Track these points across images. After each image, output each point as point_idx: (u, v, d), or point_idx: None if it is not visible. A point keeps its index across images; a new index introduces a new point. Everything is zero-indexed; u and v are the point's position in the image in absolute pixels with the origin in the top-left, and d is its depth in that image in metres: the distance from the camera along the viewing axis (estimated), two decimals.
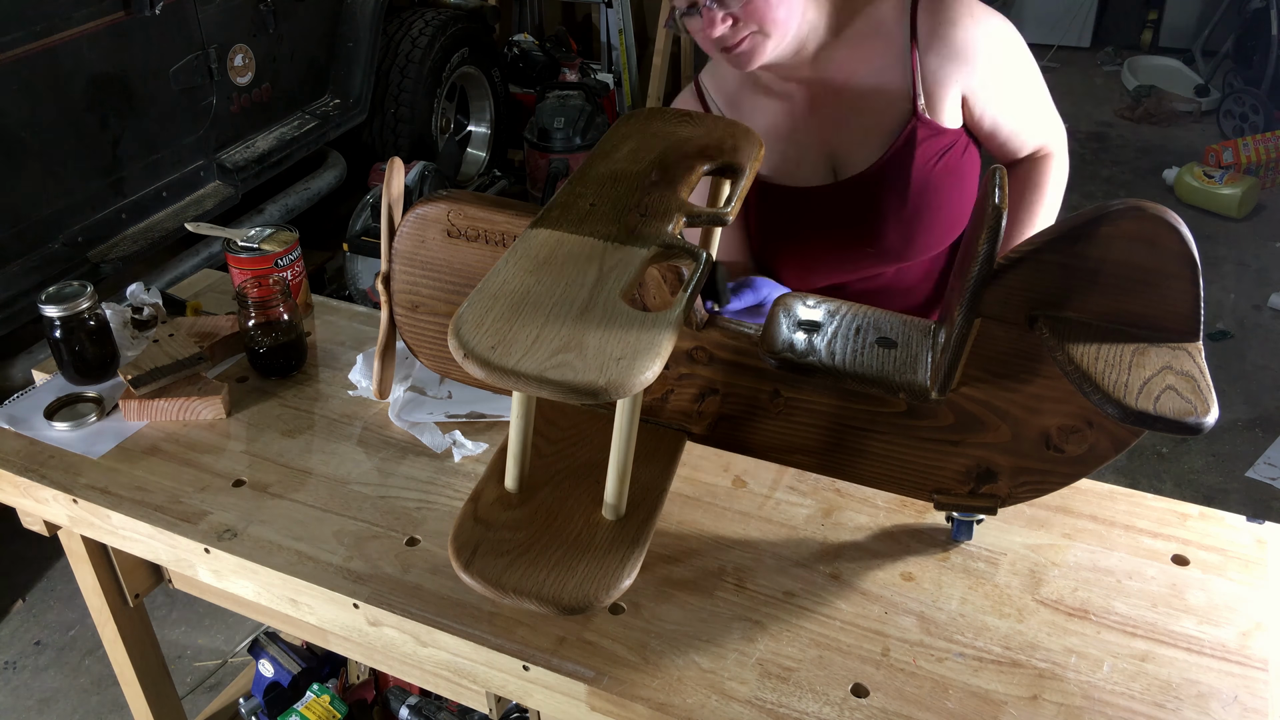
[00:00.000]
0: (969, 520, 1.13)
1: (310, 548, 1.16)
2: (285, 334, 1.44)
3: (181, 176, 2.98)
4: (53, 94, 2.52)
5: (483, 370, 0.80)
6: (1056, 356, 0.90)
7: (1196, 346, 0.90)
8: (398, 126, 3.87)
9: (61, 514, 1.30)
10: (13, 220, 2.51)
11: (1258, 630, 1.03)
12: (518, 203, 1.13)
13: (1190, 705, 0.96)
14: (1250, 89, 4.77)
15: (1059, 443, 1.02)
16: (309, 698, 1.79)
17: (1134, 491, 1.21)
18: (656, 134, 1.14)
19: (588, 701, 1.01)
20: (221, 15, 2.99)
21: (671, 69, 4.82)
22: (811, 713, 0.96)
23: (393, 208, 1.17)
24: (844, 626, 1.05)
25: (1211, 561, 1.11)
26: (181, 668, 2.38)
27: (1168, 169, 4.49)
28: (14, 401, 1.42)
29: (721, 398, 1.13)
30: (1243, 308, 3.63)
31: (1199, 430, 0.82)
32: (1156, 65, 5.54)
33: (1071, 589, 1.08)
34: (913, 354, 1.03)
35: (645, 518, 1.05)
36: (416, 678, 1.27)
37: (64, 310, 1.40)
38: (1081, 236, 0.88)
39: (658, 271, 1.06)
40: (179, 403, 1.36)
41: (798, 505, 1.20)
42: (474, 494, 1.07)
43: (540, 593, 0.96)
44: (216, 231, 1.65)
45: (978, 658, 1.01)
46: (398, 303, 1.21)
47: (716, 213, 1.02)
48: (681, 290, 0.90)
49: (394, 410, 1.36)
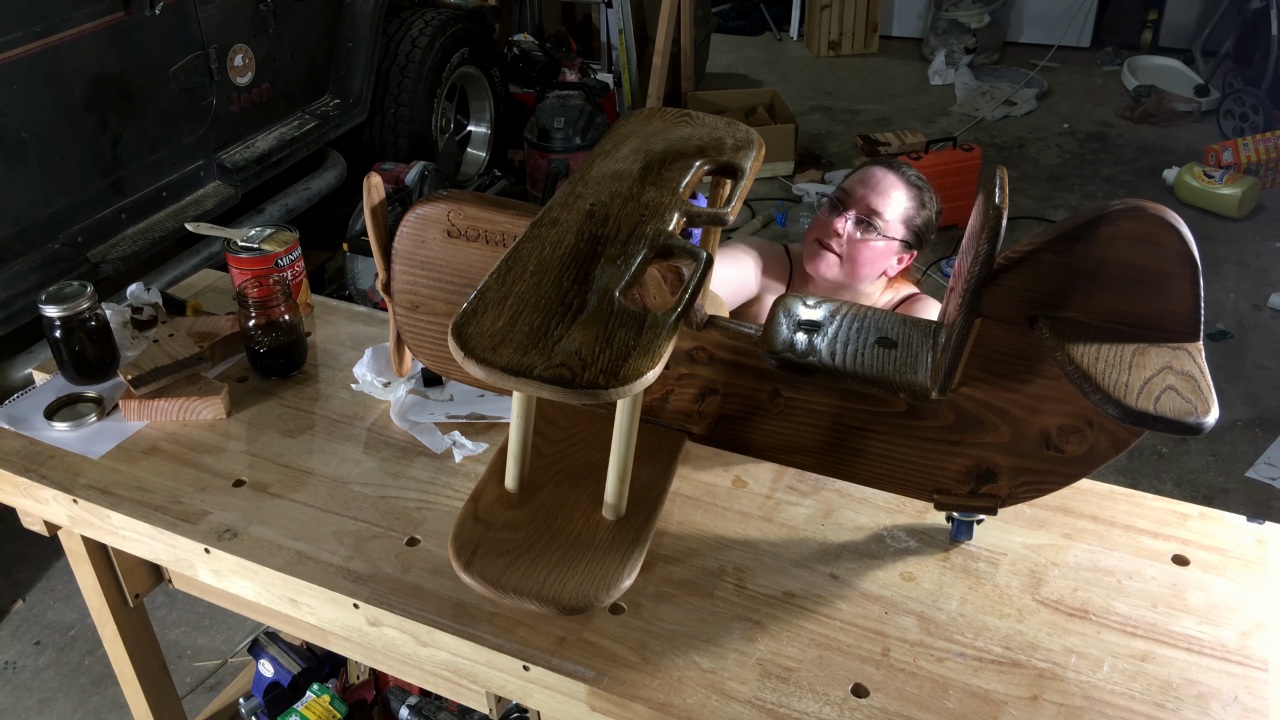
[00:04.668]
0: (969, 520, 1.13)
1: (310, 548, 1.16)
2: (285, 334, 1.44)
3: (181, 176, 2.98)
4: (53, 94, 2.52)
5: (482, 370, 0.80)
6: (1057, 356, 0.90)
7: (1197, 346, 0.90)
8: (398, 126, 3.87)
9: (61, 514, 1.30)
10: (13, 220, 2.51)
11: (1258, 630, 1.03)
12: (518, 203, 1.13)
13: (1190, 705, 0.96)
14: (1250, 89, 4.77)
15: (1059, 443, 1.02)
16: (309, 698, 1.79)
17: (1134, 491, 1.21)
18: (656, 134, 1.14)
19: (588, 701, 1.01)
20: (221, 15, 2.98)
21: (672, 69, 4.82)
22: (811, 713, 0.96)
23: (374, 222, 1.17)
24: (844, 626, 1.05)
25: (1211, 561, 1.11)
26: (181, 668, 2.38)
27: (1168, 169, 4.49)
28: (14, 401, 1.42)
29: (722, 398, 1.13)
30: (1243, 308, 3.63)
31: (1199, 430, 0.82)
32: (1156, 65, 5.54)
33: (1071, 589, 1.08)
34: (913, 354, 1.03)
35: (645, 518, 1.05)
36: (416, 678, 1.27)
37: (64, 310, 1.40)
38: (1081, 236, 0.88)
39: (658, 271, 1.06)
40: (179, 403, 1.36)
41: (798, 505, 1.20)
42: (474, 494, 1.07)
43: (540, 593, 0.96)
44: (216, 231, 1.65)
45: (978, 658, 1.01)
46: (398, 303, 1.21)
47: (716, 213, 1.02)
48: (681, 290, 0.90)
49: (395, 410, 1.36)
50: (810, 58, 6.19)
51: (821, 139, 5.04)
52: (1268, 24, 4.67)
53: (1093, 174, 4.63)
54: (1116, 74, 5.66)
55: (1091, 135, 5.00)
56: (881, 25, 6.23)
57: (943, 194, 4.10)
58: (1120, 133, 5.03)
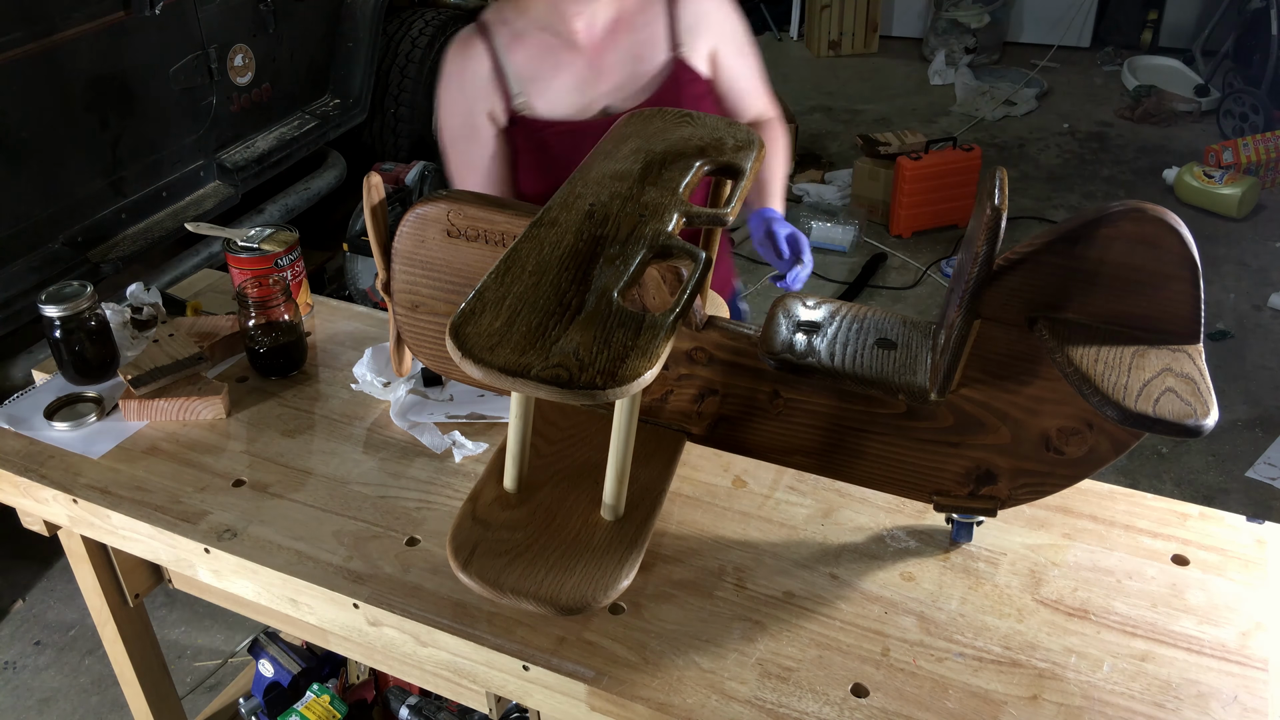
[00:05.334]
0: (969, 522, 1.13)
1: (310, 548, 1.16)
2: (285, 334, 1.44)
3: (181, 176, 2.98)
4: (53, 94, 2.52)
5: (480, 370, 0.80)
6: (1056, 358, 0.90)
7: (1197, 348, 0.90)
8: (398, 126, 3.87)
9: (61, 514, 1.30)
10: (13, 220, 2.51)
11: (1258, 630, 1.03)
12: (518, 203, 1.13)
13: (1190, 705, 0.96)
14: (1250, 89, 4.77)
15: (1059, 444, 1.02)
16: (309, 698, 1.79)
17: (1134, 491, 1.21)
18: (656, 134, 1.14)
19: (588, 701, 1.01)
20: (221, 15, 2.98)
21: None
22: (811, 713, 0.96)
23: (374, 222, 1.17)
24: (844, 626, 1.05)
25: (1211, 561, 1.12)
26: (181, 668, 2.38)
27: (1168, 169, 4.49)
28: (14, 401, 1.42)
29: (721, 398, 1.13)
30: (1243, 308, 3.63)
31: (1198, 433, 0.82)
32: (1156, 65, 5.53)
33: (1071, 589, 1.08)
34: (912, 355, 1.03)
35: (644, 518, 1.05)
36: (416, 678, 1.27)
37: (64, 310, 1.40)
38: (1081, 238, 0.88)
39: (657, 271, 1.06)
40: (179, 403, 1.36)
41: (798, 505, 1.20)
42: (473, 494, 1.07)
43: (538, 593, 0.96)
44: (216, 231, 1.65)
45: (978, 658, 1.01)
46: (398, 302, 1.21)
47: (716, 213, 1.02)
48: (680, 291, 0.90)
49: (394, 410, 1.36)
50: (810, 58, 6.19)
51: (821, 139, 5.04)
52: (1268, 24, 4.67)
53: (1093, 174, 4.62)
54: (1116, 74, 5.66)
55: (1091, 135, 5.00)
56: (881, 25, 6.22)
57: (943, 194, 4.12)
58: (1120, 133, 5.03)
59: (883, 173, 4.14)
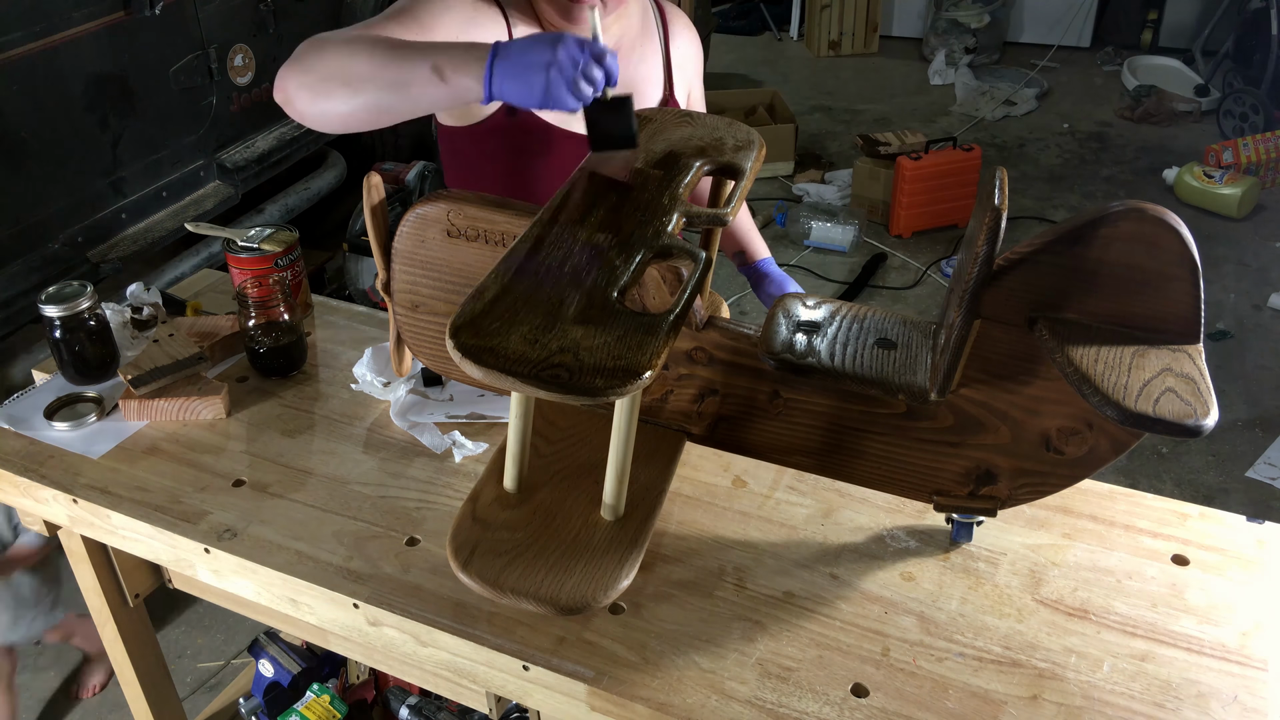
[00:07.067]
0: (969, 522, 1.13)
1: (310, 548, 1.16)
2: (285, 334, 1.44)
3: (181, 176, 2.98)
4: (53, 94, 2.52)
5: (479, 370, 0.80)
6: (1056, 358, 0.90)
7: (1197, 348, 0.90)
8: (397, 126, 3.86)
9: (61, 514, 1.30)
10: (13, 220, 2.51)
11: (1258, 630, 1.03)
12: (518, 203, 1.13)
13: (1190, 705, 0.96)
14: (1250, 89, 4.77)
15: (1059, 445, 1.02)
16: (309, 698, 1.79)
17: (1134, 491, 1.21)
18: (657, 134, 1.14)
19: (588, 701, 1.01)
20: (221, 15, 2.98)
21: None
22: (811, 713, 0.96)
23: (374, 222, 1.17)
24: (844, 626, 1.05)
25: (1211, 561, 1.12)
26: (181, 668, 2.38)
27: (1168, 169, 4.49)
28: (14, 401, 1.42)
29: (721, 398, 1.13)
30: (1243, 308, 3.63)
31: (1198, 433, 0.82)
32: (1156, 65, 5.53)
33: (1071, 589, 1.08)
34: (912, 355, 1.03)
35: (644, 518, 1.05)
36: (416, 678, 1.27)
37: (64, 310, 1.40)
38: (1081, 238, 0.88)
39: (657, 271, 1.06)
40: (179, 403, 1.36)
41: (798, 505, 1.20)
42: (473, 494, 1.07)
43: (538, 593, 0.96)
44: (216, 231, 1.65)
45: (978, 658, 1.01)
46: (398, 302, 1.21)
47: (716, 213, 1.02)
48: (680, 291, 0.90)
49: (394, 410, 1.36)
50: (810, 58, 6.19)
51: (821, 139, 5.04)
52: (1268, 24, 4.67)
53: (1093, 174, 4.62)
54: (1116, 74, 5.66)
55: (1091, 135, 5.00)
56: (881, 25, 6.23)
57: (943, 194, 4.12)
58: (1120, 133, 5.03)
59: (883, 173, 4.14)
